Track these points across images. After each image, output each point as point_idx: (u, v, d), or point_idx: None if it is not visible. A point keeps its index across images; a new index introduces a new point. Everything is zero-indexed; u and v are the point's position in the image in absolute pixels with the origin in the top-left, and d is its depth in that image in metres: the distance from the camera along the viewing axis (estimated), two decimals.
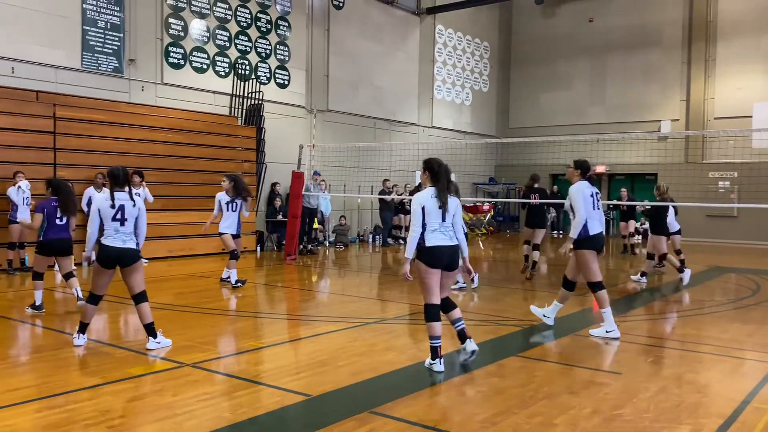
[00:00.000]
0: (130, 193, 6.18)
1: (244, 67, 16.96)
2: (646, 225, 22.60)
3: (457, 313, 5.75)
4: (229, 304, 8.79)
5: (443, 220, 5.51)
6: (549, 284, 11.20)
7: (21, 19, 12.75)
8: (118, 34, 14.30)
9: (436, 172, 5.67)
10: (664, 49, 23.14)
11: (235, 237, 10.02)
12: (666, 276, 12.67)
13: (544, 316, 7.45)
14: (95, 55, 13.93)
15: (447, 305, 5.73)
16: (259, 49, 17.44)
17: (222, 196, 10.01)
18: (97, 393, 4.75)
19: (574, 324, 7.85)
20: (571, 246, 6.94)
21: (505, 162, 25.81)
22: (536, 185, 12.37)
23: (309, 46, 18.88)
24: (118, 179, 6.21)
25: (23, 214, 10.94)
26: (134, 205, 6.14)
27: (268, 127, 16.83)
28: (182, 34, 15.61)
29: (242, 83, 16.69)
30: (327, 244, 17.48)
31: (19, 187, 10.90)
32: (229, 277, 9.92)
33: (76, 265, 9.68)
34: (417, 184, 7.72)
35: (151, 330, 6.11)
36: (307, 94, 18.80)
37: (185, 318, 7.69)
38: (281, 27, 18.06)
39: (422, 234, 5.47)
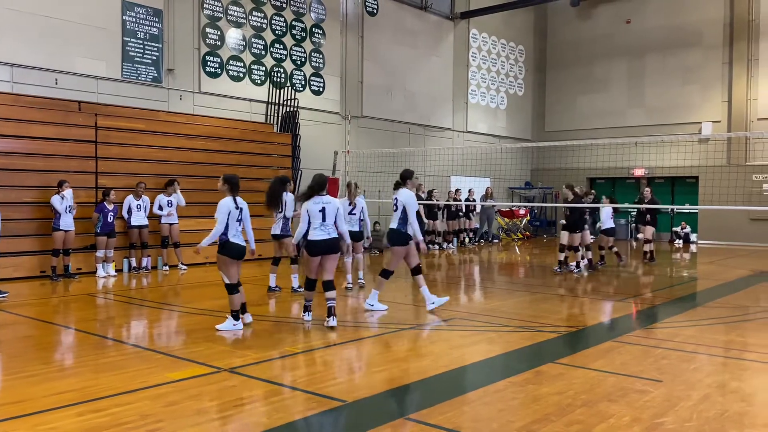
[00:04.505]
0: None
1: (279, 74, 17.15)
2: (687, 229, 22.26)
3: (332, 294, 7.50)
4: (266, 310, 8.86)
5: (324, 220, 7.46)
6: (587, 290, 11.05)
7: (63, 32, 13.12)
8: (156, 45, 14.61)
9: (314, 185, 7.67)
10: (704, 49, 22.67)
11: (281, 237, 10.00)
12: (708, 281, 12.38)
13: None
14: (135, 65, 14.25)
15: (328, 286, 7.53)
16: (294, 57, 17.62)
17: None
18: (137, 397, 4.83)
19: (612, 331, 7.72)
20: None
21: (542, 166, 25.55)
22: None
23: (343, 52, 19.00)
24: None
25: (65, 222, 11.22)
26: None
27: (304, 134, 16.96)
28: (219, 43, 15.87)
29: (278, 91, 16.87)
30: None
31: (63, 196, 11.17)
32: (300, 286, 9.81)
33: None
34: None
35: (243, 307, 7.40)
36: (341, 101, 18.92)
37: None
38: (316, 34, 18.22)
39: (307, 230, 7.53)
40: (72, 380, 5.34)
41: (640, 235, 15.33)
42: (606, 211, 13.81)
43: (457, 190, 19.62)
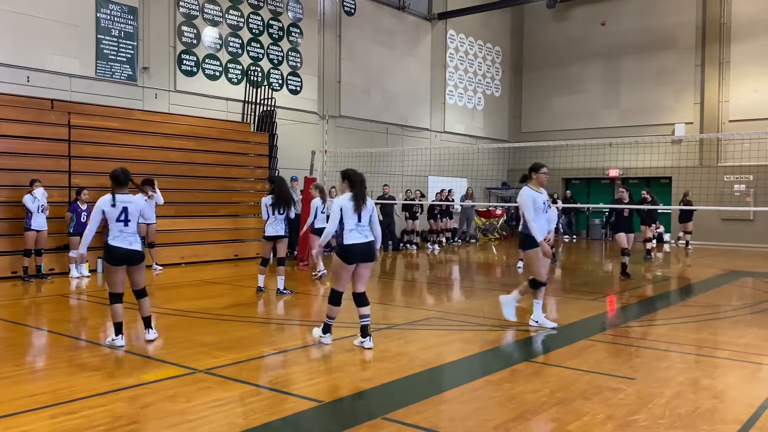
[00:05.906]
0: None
1: (256, 73, 17.05)
2: (661, 229, 22.58)
3: (366, 310, 6.48)
4: (242, 311, 8.80)
5: (359, 220, 6.40)
6: (562, 288, 11.16)
7: (35, 29, 12.91)
8: (131, 43, 14.44)
9: (353, 180, 6.53)
10: (677, 51, 22.99)
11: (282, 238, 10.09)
12: (680, 280, 12.56)
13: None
14: (109, 63, 14.07)
15: (361, 300, 6.50)
16: (271, 56, 17.53)
17: (267, 200, 10.02)
18: (111, 399, 4.78)
19: (587, 329, 7.79)
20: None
21: (518, 166, 25.56)
22: None
23: (321, 52, 18.95)
24: (119, 180, 6.47)
25: (37, 222, 11.05)
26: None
27: (281, 134, 16.89)
28: (195, 41, 15.74)
29: (254, 90, 16.78)
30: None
31: (35, 195, 10.99)
32: (286, 289, 9.99)
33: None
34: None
35: (147, 321, 6.59)
36: (319, 100, 18.87)
37: (198, 324, 7.72)
38: (293, 33, 18.15)
39: (341, 232, 6.37)
40: (45, 382, 5.26)
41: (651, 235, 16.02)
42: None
43: (450, 191, 20.02)
